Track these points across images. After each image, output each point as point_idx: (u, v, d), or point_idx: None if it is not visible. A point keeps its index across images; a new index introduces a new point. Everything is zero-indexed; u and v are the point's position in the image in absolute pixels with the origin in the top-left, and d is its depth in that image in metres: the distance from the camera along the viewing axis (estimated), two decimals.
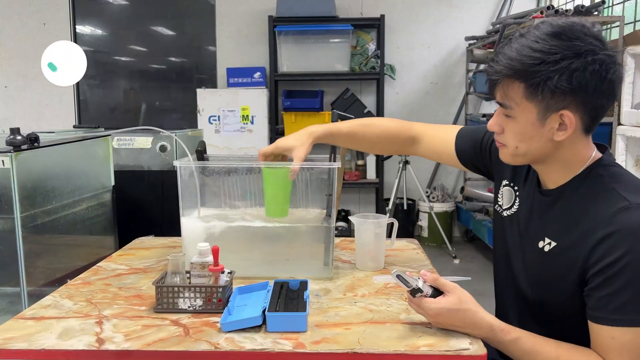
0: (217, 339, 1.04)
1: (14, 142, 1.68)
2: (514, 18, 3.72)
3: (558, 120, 1.02)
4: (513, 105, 1.04)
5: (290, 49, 4.36)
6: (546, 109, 1.01)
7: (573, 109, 1.00)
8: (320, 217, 1.45)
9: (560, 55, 0.96)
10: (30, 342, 1.04)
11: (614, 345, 0.98)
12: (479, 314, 1.05)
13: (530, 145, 1.06)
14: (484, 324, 1.04)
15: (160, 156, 2.57)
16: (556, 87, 0.97)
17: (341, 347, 1.01)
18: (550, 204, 1.11)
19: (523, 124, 1.04)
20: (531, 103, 1.01)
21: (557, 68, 0.96)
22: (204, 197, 1.47)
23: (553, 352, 1.03)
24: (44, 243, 1.86)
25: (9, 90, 4.79)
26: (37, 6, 4.69)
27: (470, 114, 4.58)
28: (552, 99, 0.99)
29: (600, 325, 1.00)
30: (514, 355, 1.06)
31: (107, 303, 1.24)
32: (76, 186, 2.03)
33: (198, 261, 1.22)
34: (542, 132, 1.03)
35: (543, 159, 1.08)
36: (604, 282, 0.98)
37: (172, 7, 4.83)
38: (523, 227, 1.17)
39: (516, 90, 1.02)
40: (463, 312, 1.04)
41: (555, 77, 0.97)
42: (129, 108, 5.08)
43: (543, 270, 1.10)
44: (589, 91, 0.98)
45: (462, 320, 1.04)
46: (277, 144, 1.39)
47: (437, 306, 1.04)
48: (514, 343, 1.04)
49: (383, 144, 1.47)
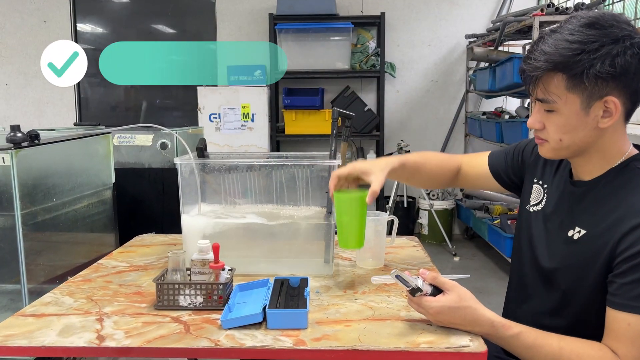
0: (218, 336, 1.04)
1: (14, 139, 1.68)
2: (514, 16, 3.72)
3: (602, 107, 1.02)
4: (555, 98, 1.04)
5: (291, 47, 4.36)
6: (589, 97, 1.02)
7: (616, 94, 1.01)
8: (321, 214, 1.45)
9: (599, 42, 0.98)
10: (30, 339, 1.04)
11: (629, 333, 0.97)
12: (479, 310, 1.05)
13: (575, 136, 1.06)
14: (484, 320, 1.04)
15: (160, 154, 2.57)
16: (599, 74, 0.99)
17: (341, 344, 1.01)
18: (582, 195, 1.12)
19: (567, 116, 1.04)
20: (574, 94, 1.02)
21: (598, 55, 0.98)
22: (205, 195, 1.47)
23: (555, 345, 1.02)
24: (44, 240, 1.86)
25: (9, 88, 4.79)
26: (38, 4, 4.69)
27: (470, 112, 4.58)
28: (595, 86, 1.00)
29: (618, 311, 0.99)
30: (516, 351, 1.06)
31: (107, 300, 1.24)
32: (77, 183, 2.04)
33: (198, 258, 1.22)
34: (587, 121, 1.04)
35: (584, 149, 1.08)
36: (629, 269, 0.98)
37: (173, 5, 4.82)
38: (550, 220, 1.18)
39: (557, 83, 1.03)
40: (463, 310, 1.04)
41: (597, 64, 0.98)
42: (129, 106, 5.08)
43: (571, 257, 1.10)
44: (630, 74, 0.99)
45: (463, 318, 1.04)
46: (354, 166, 1.29)
47: (437, 304, 1.04)
48: (515, 338, 1.04)
49: (437, 175, 1.45)
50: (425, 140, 4.70)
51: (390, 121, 4.66)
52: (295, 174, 1.44)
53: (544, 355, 1.02)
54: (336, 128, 1.51)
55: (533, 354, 1.03)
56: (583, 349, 1.01)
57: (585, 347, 1.01)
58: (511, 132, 3.57)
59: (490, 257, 4.07)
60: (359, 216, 1.27)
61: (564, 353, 1.01)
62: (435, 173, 1.45)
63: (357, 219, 1.27)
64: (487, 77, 3.87)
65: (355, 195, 1.27)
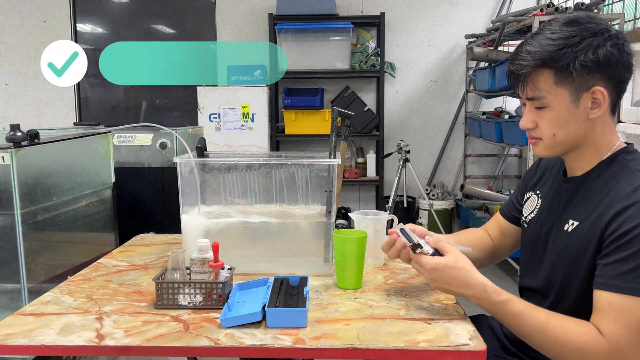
0: (217, 334, 1.05)
1: (14, 138, 1.68)
2: (514, 16, 3.71)
3: (590, 99, 1.07)
4: (544, 94, 1.08)
5: (291, 47, 4.36)
6: (578, 89, 1.06)
7: (602, 84, 1.06)
8: (321, 213, 1.46)
9: (580, 36, 1.05)
10: (30, 337, 1.04)
11: (610, 311, 0.99)
12: (473, 273, 1.09)
13: (568, 130, 1.10)
14: (477, 283, 1.08)
15: (160, 153, 2.57)
16: (584, 64, 1.04)
17: (341, 342, 1.01)
18: (575, 190, 1.15)
19: (558, 110, 1.08)
20: (562, 87, 1.07)
21: (580, 47, 1.04)
22: (204, 194, 1.47)
23: (542, 317, 1.05)
24: (44, 240, 1.86)
25: (9, 88, 4.79)
26: (38, 4, 4.69)
27: (470, 112, 4.58)
28: (581, 78, 1.05)
29: (601, 290, 1.01)
30: (503, 318, 1.08)
31: (107, 299, 1.24)
32: (76, 183, 2.04)
33: (198, 257, 1.22)
34: (578, 114, 1.08)
35: (577, 144, 1.12)
36: (613, 250, 1.01)
37: (173, 5, 4.82)
38: (545, 220, 1.21)
39: (545, 79, 1.07)
40: (458, 270, 1.08)
41: (581, 56, 1.04)
42: (129, 106, 5.08)
43: (566, 250, 1.12)
44: (612, 64, 1.05)
45: (457, 279, 1.08)
46: None
47: (434, 261, 1.10)
48: (504, 304, 1.06)
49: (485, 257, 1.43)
50: (425, 140, 4.71)
51: (390, 121, 4.66)
52: (295, 174, 1.45)
53: (530, 325, 1.05)
54: (336, 127, 1.51)
55: (519, 322, 1.06)
56: (568, 324, 1.03)
57: (571, 323, 1.03)
58: (511, 132, 3.57)
59: None
60: (357, 257, 1.28)
61: (550, 325, 1.03)
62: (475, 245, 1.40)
63: (355, 260, 1.28)
64: (486, 77, 3.87)
65: (355, 236, 1.29)
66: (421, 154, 4.68)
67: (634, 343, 0.98)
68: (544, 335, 1.03)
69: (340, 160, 1.42)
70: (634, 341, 0.98)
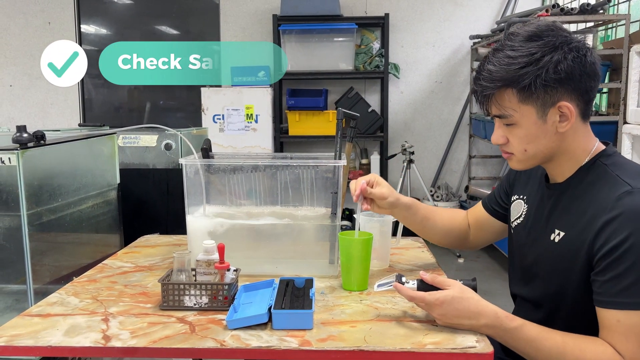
0: (223, 336, 1.04)
1: (20, 139, 1.69)
2: (519, 17, 3.71)
3: (557, 113, 1.06)
4: (511, 112, 1.07)
5: (295, 48, 4.36)
6: (543, 105, 1.05)
7: (567, 98, 1.05)
8: (326, 215, 1.45)
9: (540, 52, 1.03)
10: (36, 339, 1.04)
11: (620, 329, 0.98)
12: (482, 301, 1.06)
13: (538, 144, 1.09)
14: (488, 311, 1.05)
15: (165, 154, 2.58)
16: (546, 83, 1.03)
17: (347, 344, 1.00)
18: (558, 197, 1.14)
19: (526, 127, 1.07)
20: (528, 105, 1.05)
21: (541, 65, 1.02)
22: (209, 195, 1.47)
23: (559, 339, 1.03)
24: (50, 241, 1.87)
25: (14, 89, 4.81)
26: (42, 5, 4.71)
27: (474, 113, 4.57)
28: (546, 94, 1.04)
29: (606, 309, 1.00)
30: (518, 344, 1.05)
31: (112, 300, 1.24)
32: (82, 184, 2.04)
33: (204, 259, 1.22)
34: (546, 129, 1.07)
35: (551, 155, 1.11)
36: (608, 265, 0.99)
37: (177, 7, 4.83)
38: (532, 227, 1.20)
39: (509, 98, 1.06)
40: (467, 300, 1.05)
41: (542, 74, 1.02)
42: (133, 107, 5.09)
43: (555, 261, 1.11)
44: (575, 77, 1.04)
45: (467, 309, 1.04)
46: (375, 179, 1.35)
47: (441, 295, 1.05)
48: (519, 330, 1.04)
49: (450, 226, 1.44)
50: (429, 141, 4.70)
51: (394, 122, 4.66)
52: (300, 175, 1.44)
53: (548, 348, 1.02)
54: (341, 129, 1.50)
55: (536, 346, 1.03)
56: (586, 344, 1.01)
57: (589, 343, 1.02)
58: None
59: (495, 259, 4.06)
60: (362, 259, 1.28)
61: (567, 347, 1.01)
62: (447, 222, 1.43)
63: (360, 262, 1.28)
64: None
65: (360, 238, 1.28)
66: (425, 155, 4.68)
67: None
68: (562, 358, 1.01)
69: (345, 162, 1.42)
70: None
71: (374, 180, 1.35)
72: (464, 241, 1.46)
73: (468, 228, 1.45)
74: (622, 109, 3.04)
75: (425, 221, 1.41)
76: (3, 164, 1.62)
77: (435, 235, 1.44)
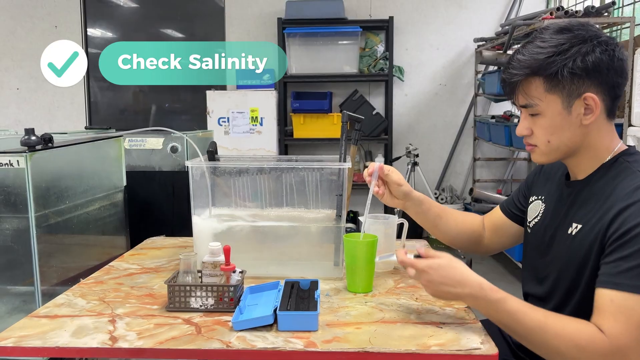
0: (229, 337, 1.05)
1: (28, 142, 1.71)
2: (523, 19, 3.71)
3: (582, 105, 1.08)
4: (537, 101, 1.09)
5: (299, 51, 4.37)
6: (569, 95, 1.07)
7: (594, 90, 1.07)
8: (331, 217, 1.46)
9: (569, 44, 1.06)
10: (44, 339, 1.05)
11: (612, 309, 0.98)
12: (469, 271, 1.08)
13: (562, 136, 1.10)
14: (473, 280, 1.07)
15: (171, 157, 2.59)
16: (573, 72, 1.05)
17: (352, 346, 1.01)
18: (578, 193, 1.15)
19: (550, 116, 1.09)
20: (554, 94, 1.08)
21: (569, 55, 1.05)
22: (215, 197, 1.48)
23: (541, 314, 1.04)
24: (57, 242, 1.88)
25: (21, 92, 4.84)
26: (49, 9, 4.74)
27: (479, 116, 4.57)
28: (572, 84, 1.06)
29: (602, 288, 1.00)
30: (501, 316, 1.06)
31: (119, 302, 1.25)
32: (89, 186, 2.06)
33: (210, 260, 1.23)
34: (570, 120, 1.09)
35: (574, 149, 1.12)
36: (616, 249, 1.00)
37: (182, 10, 4.86)
38: (549, 225, 1.20)
39: (537, 87, 1.09)
40: (453, 269, 1.08)
41: (570, 63, 1.05)
42: (138, 110, 5.12)
43: (571, 254, 1.12)
44: (603, 70, 1.05)
45: (452, 277, 1.07)
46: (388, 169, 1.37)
47: (430, 261, 1.09)
48: (502, 302, 1.05)
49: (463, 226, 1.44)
50: (434, 143, 4.70)
51: (399, 125, 4.66)
52: (305, 177, 1.45)
53: (529, 321, 1.03)
54: (346, 131, 1.51)
55: (517, 319, 1.04)
56: (567, 321, 1.02)
57: (570, 320, 1.03)
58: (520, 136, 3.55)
59: (500, 261, 4.05)
60: (367, 261, 1.28)
61: (549, 321, 1.02)
62: (460, 222, 1.43)
63: (365, 264, 1.28)
64: (495, 80, 3.86)
65: (365, 240, 1.29)
66: (430, 158, 4.68)
67: (635, 341, 0.97)
68: (543, 333, 1.02)
69: (350, 164, 1.42)
70: (635, 339, 0.96)
71: (389, 168, 1.37)
72: (478, 245, 1.45)
73: (483, 231, 1.44)
74: (627, 112, 3.04)
75: (438, 219, 1.41)
76: (12, 167, 1.63)
77: (447, 235, 1.44)
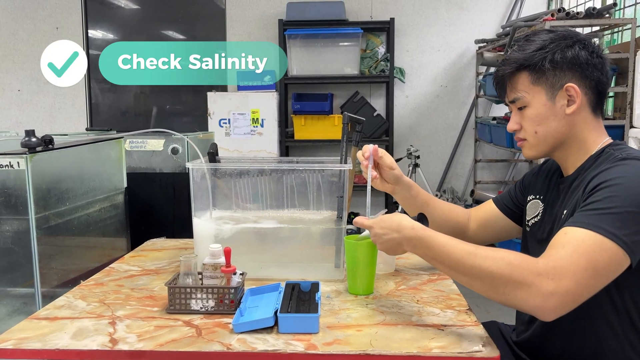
0: (230, 339, 1.05)
1: (29, 144, 1.71)
2: (524, 21, 3.70)
3: (565, 96, 1.16)
4: (523, 93, 1.18)
5: (300, 53, 4.37)
6: (552, 87, 1.16)
7: (575, 82, 1.15)
8: (332, 219, 1.46)
9: (551, 41, 1.17)
10: (44, 342, 1.05)
11: (563, 239, 1.01)
12: (405, 219, 1.16)
13: (548, 126, 1.18)
14: (406, 225, 1.14)
15: (172, 158, 2.59)
16: (554, 63, 1.15)
17: (353, 348, 1.01)
18: (569, 185, 1.19)
19: (536, 107, 1.18)
20: (538, 86, 1.17)
21: (549, 49, 1.16)
22: (216, 199, 1.48)
23: (472, 246, 1.08)
24: (57, 244, 1.88)
25: (22, 94, 4.85)
26: (50, 11, 4.74)
27: (480, 117, 4.56)
28: (554, 76, 1.15)
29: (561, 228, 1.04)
30: (433, 251, 1.10)
31: (120, 304, 1.25)
32: (89, 188, 2.06)
33: (210, 262, 1.23)
34: (555, 110, 1.16)
35: (561, 140, 1.19)
36: (584, 202, 1.06)
37: (183, 12, 4.86)
38: (547, 222, 1.23)
39: (523, 80, 1.18)
40: (389, 219, 1.17)
41: (550, 56, 1.15)
42: (139, 111, 5.12)
43: None
44: (582, 63, 1.15)
45: (390, 225, 1.16)
46: None
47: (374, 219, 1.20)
48: (433, 237, 1.10)
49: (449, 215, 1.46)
50: (435, 145, 4.70)
51: (400, 126, 4.66)
52: (306, 179, 1.45)
53: (459, 251, 1.07)
54: (347, 133, 1.51)
55: (449, 250, 1.08)
56: (501, 249, 1.06)
57: (501, 251, 1.05)
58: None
59: None
60: (368, 263, 1.28)
61: (479, 248, 1.06)
62: (446, 211, 1.46)
63: (366, 266, 1.28)
64: (495, 85, 3.85)
65: (366, 242, 1.28)
66: (431, 159, 4.67)
67: (577, 267, 0.97)
68: (473, 257, 1.04)
69: (351, 166, 1.42)
70: (578, 266, 0.97)
71: (382, 151, 1.40)
72: (461, 236, 1.44)
73: (468, 223, 1.47)
74: (628, 113, 3.03)
75: (425, 206, 1.43)
76: (12, 168, 1.63)
77: (433, 222, 1.45)
